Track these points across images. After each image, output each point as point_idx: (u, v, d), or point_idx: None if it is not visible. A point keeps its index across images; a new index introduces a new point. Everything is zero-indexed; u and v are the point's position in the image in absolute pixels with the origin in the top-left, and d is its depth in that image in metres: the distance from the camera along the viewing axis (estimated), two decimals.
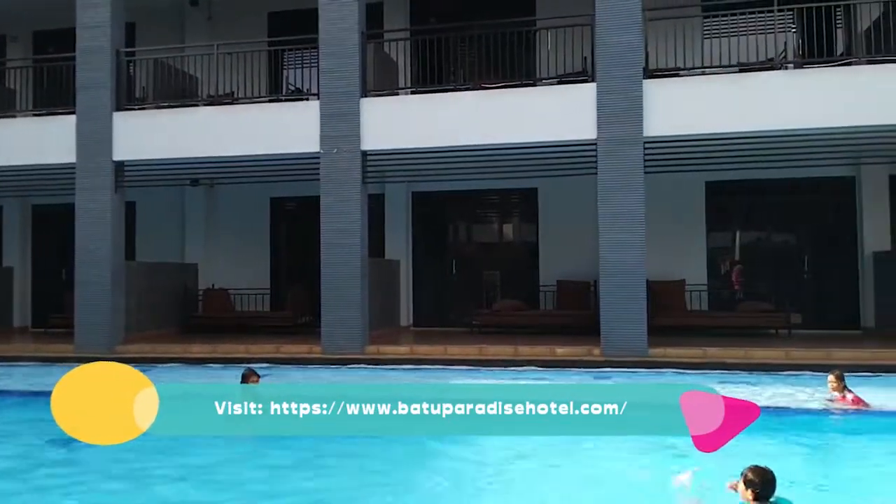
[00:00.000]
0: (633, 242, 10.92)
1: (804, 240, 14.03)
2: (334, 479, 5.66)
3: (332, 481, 5.63)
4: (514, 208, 15.65)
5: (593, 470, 5.74)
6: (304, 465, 6.03)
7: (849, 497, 4.98)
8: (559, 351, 11.14)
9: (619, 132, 10.99)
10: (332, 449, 6.43)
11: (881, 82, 10.48)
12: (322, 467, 5.93)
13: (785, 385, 8.89)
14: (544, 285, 14.38)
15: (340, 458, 6.16)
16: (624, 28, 11.04)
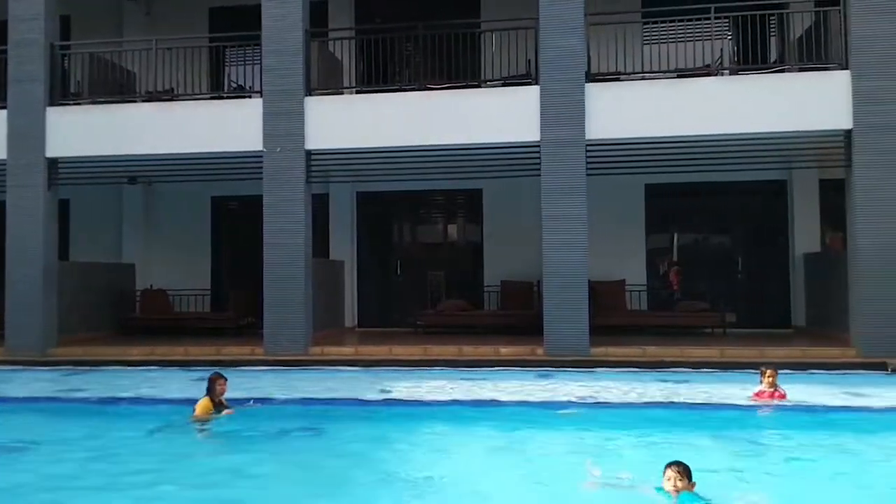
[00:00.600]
0: (576, 243, 11.09)
1: (739, 241, 14.48)
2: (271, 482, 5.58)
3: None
4: (459, 209, 15.72)
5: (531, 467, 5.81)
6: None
7: (766, 488, 5.15)
8: (503, 351, 11.23)
9: (562, 134, 11.15)
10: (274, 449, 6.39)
11: (812, 89, 10.86)
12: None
13: (718, 382, 9.14)
14: (489, 285, 14.48)
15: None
16: (567, 32, 11.20)
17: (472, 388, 9.00)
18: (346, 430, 7.12)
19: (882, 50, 10.48)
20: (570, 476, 5.53)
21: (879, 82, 10.48)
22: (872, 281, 10.40)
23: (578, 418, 7.46)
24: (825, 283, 12.45)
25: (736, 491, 4.93)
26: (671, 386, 9.07)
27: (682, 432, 6.30)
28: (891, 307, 10.28)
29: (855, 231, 10.66)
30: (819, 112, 10.73)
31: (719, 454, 6.04)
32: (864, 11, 10.56)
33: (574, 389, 8.85)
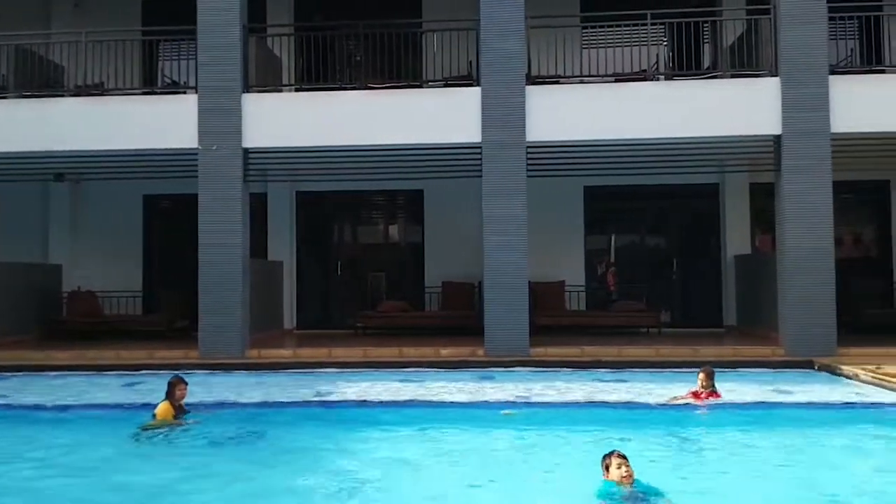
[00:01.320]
0: (516, 244, 11.17)
1: (673, 243, 14.84)
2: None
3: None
4: (400, 209, 15.66)
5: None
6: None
7: (700, 482, 5.27)
8: (444, 352, 11.21)
9: (503, 136, 11.21)
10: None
11: (743, 95, 11.21)
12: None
13: (654, 381, 9.32)
14: (430, 286, 14.46)
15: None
16: (507, 35, 11.27)
17: (414, 390, 8.94)
18: (285, 434, 6.97)
19: (809, 58, 10.88)
20: (511, 475, 5.54)
21: (806, 89, 10.87)
22: (799, 282, 10.78)
23: (519, 418, 7.49)
24: (755, 283, 12.86)
25: (671, 487, 5.01)
26: (609, 385, 9.21)
27: (619, 430, 6.38)
28: (816, 307, 10.68)
29: (783, 233, 11.03)
30: (750, 118, 11.08)
31: (654, 450, 6.15)
32: (793, 20, 10.94)
33: (514, 389, 8.89)
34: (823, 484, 5.32)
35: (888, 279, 14.01)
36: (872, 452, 6.22)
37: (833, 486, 5.21)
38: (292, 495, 5.21)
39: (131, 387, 9.33)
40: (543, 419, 7.48)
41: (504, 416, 7.56)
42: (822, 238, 10.79)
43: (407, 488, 5.31)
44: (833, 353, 10.48)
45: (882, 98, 10.95)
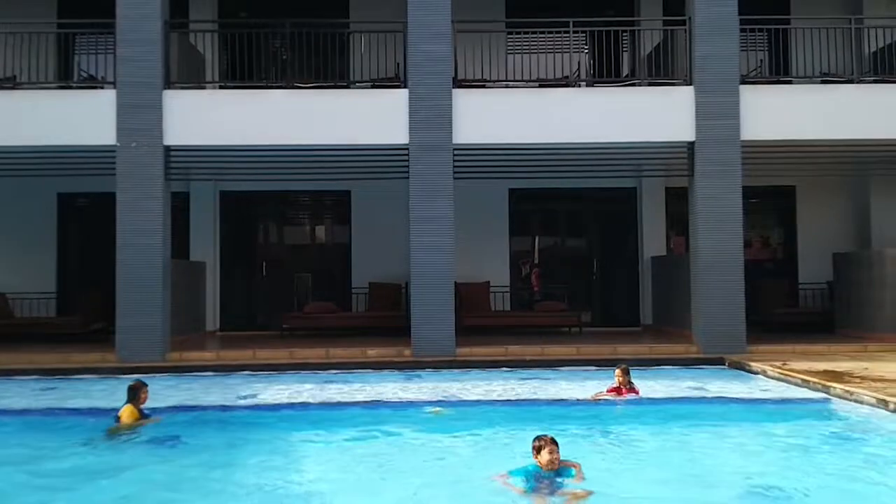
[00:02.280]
0: (442, 246, 11.29)
1: (594, 244, 15.28)
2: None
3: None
4: (326, 210, 15.58)
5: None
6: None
7: (618, 477, 5.49)
8: (370, 352, 11.24)
9: (430, 138, 11.32)
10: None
11: (659, 103, 11.65)
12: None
13: (576, 379, 9.61)
14: (356, 287, 14.44)
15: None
16: (434, 37, 11.38)
17: (340, 391, 8.95)
18: (206, 438, 6.86)
19: (721, 68, 11.40)
20: (438, 474, 5.63)
21: (718, 98, 11.38)
22: (711, 282, 11.29)
23: (444, 417, 7.60)
24: (670, 284, 13.39)
25: (594, 480, 5.21)
26: (533, 383, 9.43)
27: (543, 427, 6.53)
28: (727, 306, 11.20)
29: (696, 236, 11.53)
30: (666, 125, 11.53)
31: (578, 446, 6.36)
32: (706, 32, 11.44)
33: (440, 389, 9.01)
34: (726, 474, 5.62)
35: (793, 280, 14.81)
36: (771, 444, 6.59)
37: (734, 477, 5.51)
38: (214, 499, 5.15)
39: (48, 391, 9.01)
40: (470, 417, 7.61)
41: (430, 415, 7.66)
42: (733, 240, 11.34)
43: (332, 490, 5.33)
44: (743, 351, 11.02)
45: (788, 107, 11.59)
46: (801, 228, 14.96)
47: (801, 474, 5.47)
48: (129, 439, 6.66)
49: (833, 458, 5.93)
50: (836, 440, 6.50)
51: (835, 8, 14.28)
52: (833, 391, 8.12)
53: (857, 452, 6.06)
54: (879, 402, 7.30)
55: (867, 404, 7.46)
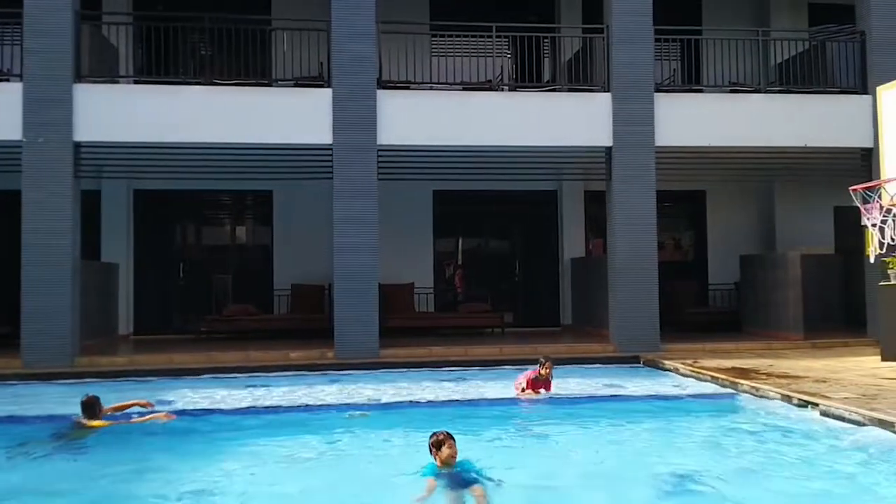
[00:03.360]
0: (366, 247, 11.25)
1: (516, 246, 15.54)
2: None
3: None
4: (247, 210, 15.27)
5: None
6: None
7: (528, 475, 5.61)
8: (293, 355, 11.09)
9: (354, 139, 11.27)
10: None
11: (579, 109, 11.95)
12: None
13: (499, 378, 9.75)
14: (278, 289, 14.22)
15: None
16: (358, 38, 11.34)
17: (261, 395, 8.79)
18: (118, 445, 6.63)
19: (637, 76, 11.81)
20: (362, 478, 5.62)
21: (634, 105, 11.78)
22: (626, 283, 11.67)
23: (369, 420, 7.58)
24: (589, 284, 13.75)
25: (509, 476, 5.32)
26: (456, 384, 9.51)
27: (466, 427, 6.62)
28: (642, 306, 11.60)
29: (613, 238, 11.90)
30: (584, 130, 11.84)
31: (498, 446, 6.47)
32: (623, 40, 11.82)
33: (364, 391, 8.98)
34: (640, 469, 5.82)
35: (703, 281, 15.45)
36: (683, 439, 6.87)
37: (648, 472, 5.72)
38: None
39: None
40: (394, 419, 7.61)
41: (354, 418, 7.62)
42: (647, 243, 11.75)
43: (254, 495, 5.25)
44: (657, 349, 11.43)
45: (699, 115, 12.10)
46: (711, 231, 15.64)
47: (712, 467, 5.72)
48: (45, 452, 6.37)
49: (741, 451, 6.22)
50: (744, 434, 6.83)
51: (744, 20, 15.00)
52: (741, 387, 8.52)
53: (762, 445, 6.38)
54: (784, 398, 7.71)
55: (772, 399, 7.87)
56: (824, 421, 6.91)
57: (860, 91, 12.41)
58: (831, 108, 12.34)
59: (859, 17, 12.71)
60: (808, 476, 5.42)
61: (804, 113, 12.26)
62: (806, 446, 6.23)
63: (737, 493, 5.08)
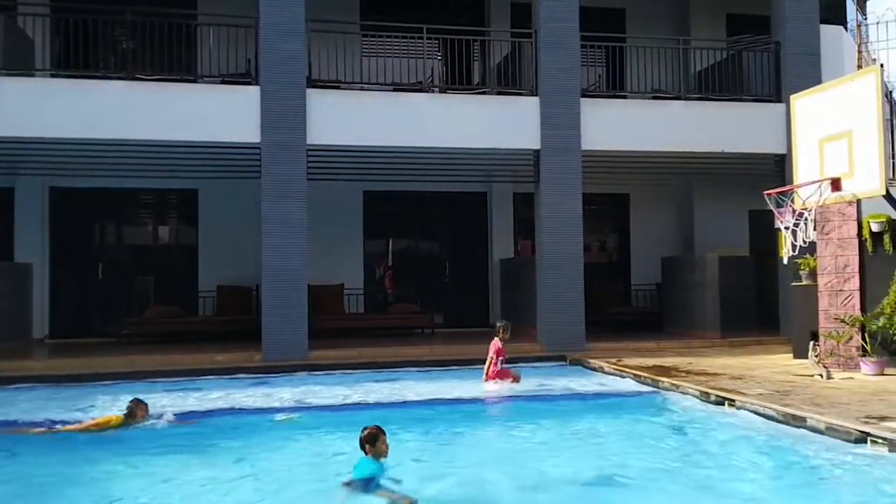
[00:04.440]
0: (295, 247, 11.13)
1: (446, 247, 15.63)
2: None
3: None
4: (171, 209, 14.87)
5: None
6: None
7: (451, 475, 5.69)
8: (219, 358, 10.87)
9: (283, 138, 11.13)
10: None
11: (508, 112, 12.13)
12: None
13: (428, 379, 9.81)
14: (204, 290, 13.89)
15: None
16: (288, 35, 11.21)
17: (185, 400, 8.57)
18: (33, 456, 6.36)
19: (564, 81, 12.06)
20: (289, 482, 5.56)
21: (561, 109, 12.04)
22: (553, 283, 11.91)
23: (297, 423, 7.50)
24: (517, 285, 13.97)
25: (434, 475, 5.38)
26: (386, 385, 9.50)
27: (398, 428, 6.63)
28: (568, 306, 11.86)
29: (540, 239, 12.12)
30: (513, 133, 12.03)
31: (429, 446, 6.51)
32: (550, 45, 12.06)
33: (292, 394, 8.87)
34: (566, 466, 5.97)
35: (627, 282, 15.90)
36: (607, 435, 7.07)
37: (574, 469, 5.87)
38: None
39: None
40: (323, 422, 7.55)
41: (280, 422, 7.53)
42: (573, 244, 12.02)
43: (180, 501, 5.14)
44: (583, 348, 11.71)
45: (623, 120, 12.46)
46: (634, 233, 16.11)
47: (633, 463, 5.91)
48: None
49: (661, 447, 6.45)
50: (664, 430, 7.07)
51: (666, 29, 15.51)
52: (662, 385, 8.82)
53: (681, 441, 6.62)
54: (702, 395, 8.02)
55: (691, 396, 8.17)
56: (740, 416, 7.22)
57: (774, 99, 13.01)
58: (747, 116, 12.89)
59: (774, 28, 13.33)
60: (724, 470, 5.65)
61: (721, 120, 12.77)
62: (723, 442, 6.50)
63: (657, 488, 5.26)
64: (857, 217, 9.54)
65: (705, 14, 15.81)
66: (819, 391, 7.82)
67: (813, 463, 5.70)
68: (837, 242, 9.70)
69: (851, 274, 9.58)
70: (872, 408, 6.79)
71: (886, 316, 8.99)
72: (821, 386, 8.21)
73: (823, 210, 9.36)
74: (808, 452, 5.92)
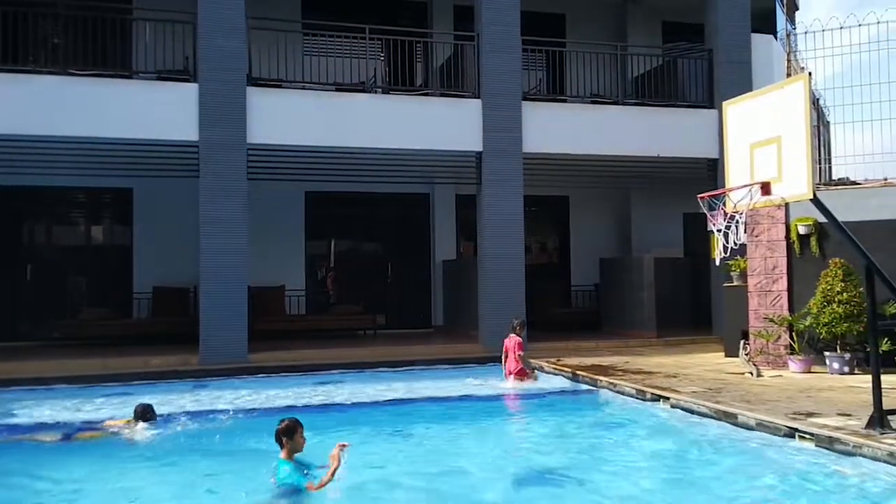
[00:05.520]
0: (235, 248, 10.94)
1: (389, 248, 15.59)
2: None
3: None
4: (105, 208, 14.42)
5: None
6: None
7: (387, 474, 5.72)
8: (154, 361, 10.61)
9: (222, 136, 10.94)
10: None
11: (450, 114, 12.19)
12: None
13: (372, 381, 9.79)
14: (139, 292, 13.52)
15: None
16: (227, 32, 11.02)
17: (118, 405, 8.34)
18: None
19: (505, 83, 12.19)
20: (228, 485, 5.48)
21: (503, 112, 12.16)
22: (495, 284, 12.02)
23: (236, 428, 7.38)
24: (459, 286, 14.04)
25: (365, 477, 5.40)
26: (328, 387, 9.44)
27: (334, 432, 6.60)
28: (510, 307, 11.95)
29: (482, 241, 12.22)
30: (456, 135, 12.10)
31: (363, 447, 6.52)
32: (492, 48, 12.17)
33: (231, 398, 8.74)
34: (509, 463, 6.06)
35: (567, 282, 16.16)
36: (547, 432, 7.20)
37: (517, 464, 5.96)
38: None
39: None
40: (263, 426, 7.45)
41: (221, 426, 7.40)
42: (515, 245, 12.16)
43: None
44: (525, 349, 11.79)
45: (563, 124, 12.66)
46: (574, 235, 16.39)
47: (571, 460, 6.05)
48: None
49: (598, 444, 6.60)
50: (601, 427, 7.23)
51: (604, 35, 15.81)
52: (600, 383, 9.01)
53: (618, 438, 6.79)
54: (638, 392, 8.23)
55: (627, 394, 8.38)
56: (674, 413, 7.44)
57: (707, 105, 13.43)
58: (682, 121, 13.27)
59: (707, 36, 13.76)
60: (658, 466, 5.82)
61: (657, 125, 13.11)
62: (657, 438, 6.68)
63: (594, 485, 5.38)
64: (786, 220, 9.96)
65: (642, 21, 16.21)
66: (749, 388, 8.12)
67: (742, 457, 5.92)
68: (767, 244, 10.09)
69: (780, 275, 9.98)
70: (800, 404, 7.09)
71: (813, 315, 9.39)
72: (751, 383, 8.52)
73: (754, 213, 9.71)
74: (738, 447, 6.14)
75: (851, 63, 10.93)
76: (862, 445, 5.49)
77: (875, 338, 6.18)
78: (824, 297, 9.26)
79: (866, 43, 10.79)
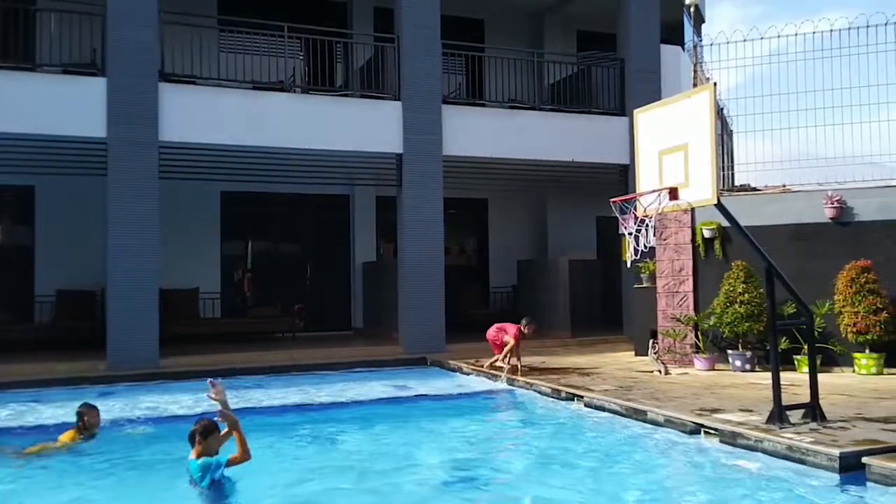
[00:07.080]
0: (145, 249, 10.59)
1: (308, 250, 15.40)
2: None
3: None
4: (4, 207, 13.65)
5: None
6: None
7: (301, 478, 5.68)
8: (59, 368, 10.14)
9: (132, 133, 10.57)
10: None
11: (371, 115, 12.16)
12: None
13: (288, 385, 9.65)
14: (41, 295, 12.87)
15: None
16: (138, 26, 10.66)
17: (20, 415, 7.93)
18: None
19: (425, 86, 12.25)
20: (141, 497, 5.31)
21: (423, 114, 12.22)
22: (415, 286, 12.07)
23: (148, 435, 7.15)
24: (379, 288, 14.02)
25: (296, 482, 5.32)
26: (241, 392, 9.23)
27: (256, 435, 6.48)
28: (429, 309, 12.06)
29: (402, 242, 12.25)
30: (376, 136, 12.08)
31: (286, 450, 6.43)
32: (413, 51, 12.21)
33: (142, 404, 8.44)
34: (427, 466, 6.10)
35: (486, 284, 16.37)
36: (465, 433, 7.29)
37: (435, 467, 6.01)
38: None
39: None
40: (177, 434, 7.24)
41: (131, 435, 7.15)
42: (434, 247, 12.24)
43: None
44: (443, 350, 11.93)
45: (482, 127, 12.84)
46: (492, 237, 16.62)
47: (488, 459, 6.14)
48: None
49: (516, 443, 6.73)
50: (518, 426, 7.38)
51: (522, 42, 16.12)
52: (517, 383, 9.18)
53: (533, 433, 6.94)
54: (554, 391, 8.43)
55: (544, 393, 8.57)
56: (588, 411, 7.66)
57: (619, 113, 13.87)
58: (595, 128, 13.67)
59: (619, 45, 14.22)
60: (570, 462, 5.98)
61: (572, 130, 13.46)
62: (570, 436, 6.87)
63: (506, 484, 5.48)
64: (692, 224, 10.41)
65: (558, 29, 16.59)
66: (658, 386, 8.45)
67: (650, 453, 6.15)
68: (674, 247, 10.52)
69: (686, 277, 10.42)
70: (705, 401, 7.42)
71: (716, 315, 9.84)
72: (660, 381, 8.86)
73: (662, 217, 10.11)
74: (647, 443, 6.38)
75: (754, 74, 11.54)
76: (763, 440, 5.79)
77: (774, 336, 6.52)
78: (727, 298, 9.73)
79: (768, 56, 11.42)
